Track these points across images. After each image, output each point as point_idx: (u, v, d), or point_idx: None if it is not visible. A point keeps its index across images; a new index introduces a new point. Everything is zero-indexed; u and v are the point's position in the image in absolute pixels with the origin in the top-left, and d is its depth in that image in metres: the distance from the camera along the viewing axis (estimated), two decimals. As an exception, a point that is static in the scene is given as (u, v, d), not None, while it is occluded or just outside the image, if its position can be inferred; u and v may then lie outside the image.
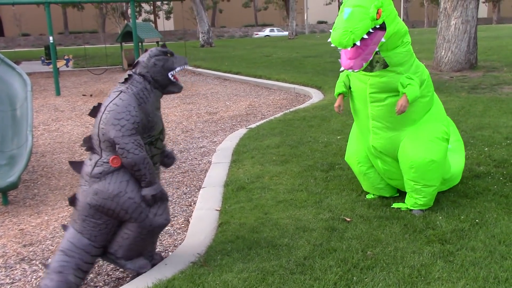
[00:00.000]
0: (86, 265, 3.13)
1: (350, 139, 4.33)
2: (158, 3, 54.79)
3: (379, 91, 3.78)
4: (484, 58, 14.05)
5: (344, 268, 3.11)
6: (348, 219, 3.86)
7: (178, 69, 3.25)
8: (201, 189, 4.93)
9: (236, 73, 14.93)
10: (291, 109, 8.84)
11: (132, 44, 15.40)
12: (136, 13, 13.34)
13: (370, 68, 3.69)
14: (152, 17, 54.28)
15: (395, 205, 4.06)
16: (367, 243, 3.45)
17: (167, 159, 3.49)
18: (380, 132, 3.93)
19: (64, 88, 13.16)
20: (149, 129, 3.15)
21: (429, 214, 3.87)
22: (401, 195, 4.27)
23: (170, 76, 3.22)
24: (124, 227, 3.16)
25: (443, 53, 12.24)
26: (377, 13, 3.48)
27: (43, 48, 21.95)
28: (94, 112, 3.15)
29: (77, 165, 3.19)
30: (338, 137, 6.41)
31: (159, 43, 18.58)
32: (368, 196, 4.31)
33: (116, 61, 19.59)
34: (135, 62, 3.25)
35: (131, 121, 3.00)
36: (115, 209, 3.05)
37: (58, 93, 12.20)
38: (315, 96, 10.30)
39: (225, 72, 15.51)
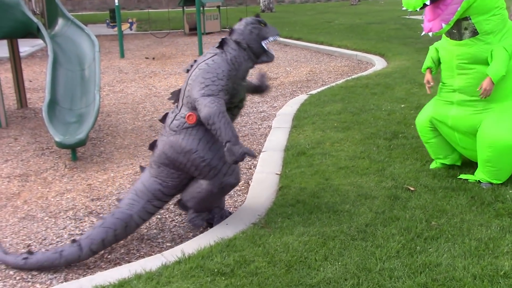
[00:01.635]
0: (153, 208, 3.31)
1: (426, 106, 4.14)
2: (220, -33, 54.45)
3: (466, 62, 3.58)
4: None
5: (407, 237, 3.05)
6: (412, 189, 3.77)
7: (271, 39, 3.35)
8: (261, 152, 4.95)
9: (297, 39, 14.70)
10: (353, 76, 8.65)
11: (194, 9, 15.45)
12: (198, -23, 13.32)
13: (458, 35, 3.50)
14: (213, -19, 54.16)
15: (462, 176, 3.91)
16: (432, 214, 3.36)
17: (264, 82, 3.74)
18: (465, 105, 3.72)
19: (128, 50, 13.43)
20: (231, 96, 3.24)
21: (499, 187, 3.71)
22: (465, 165, 4.11)
23: (263, 44, 3.31)
24: (198, 182, 3.28)
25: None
26: None
27: (107, 12, 22.43)
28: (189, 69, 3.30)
29: (162, 118, 3.38)
30: (402, 106, 6.22)
31: (220, 7, 18.54)
32: (432, 166, 4.17)
33: (178, 25, 19.71)
34: (230, 29, 3.35)
35: (216, 83, 3.09)
36: (186, 164, 3.18)
37: (122, 55, 12.47)
38: (378, 63, 10.01)
39: (285, 37, 15.31)
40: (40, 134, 6.00)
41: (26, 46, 13.77)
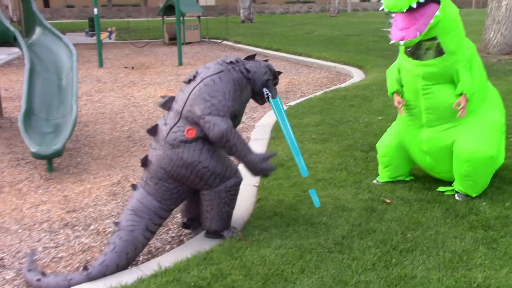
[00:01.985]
0: (155, 226, 3.22)
1: (390, 131, 4.12)
2: (200, -23, 54.63)
3: (432, 82, 3.59)
4: (535, 42, 13.46)
5: (383, 250, 3.08)
6: (388, 201, 3.81)
7: (269, 94, 3.38)
8: (239, 164, 4.95)
9: (276, 50, 14.80)
10: (331, 88, 8.73)
11: (174, 18, 15.45)
12: (178, -13, 13.34)
13: (423, 56, 3.51)
14: (193, -9, 54.26)
15: (440, 189, 3.95)
16: (407, 226, 3.40)
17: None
18: (435, 124, 3.71)
19: (107, 60, 13.35)
20: (234, 117, 3.22)
21: (472, 199, 3.78)
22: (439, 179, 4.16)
23: (264, 90, 3.36)
24: (203, 201, 3.24)
25: (492, 35, 11.82)
26: None
27: (87, 20, 22.29)
28: (189, 80, 3.21)
29: (152, 130, 3.22)
30: (380, 118, 6.30)
31: (200, 17, 18.57)
32: (380, 180, 4.19)
33: (157, 34, 19.68)
34: (252, 56, 3.40)
35: (222, 103, 3.06)
36: (189, 176, 3.12)
37: (101, 64, 12.39)
38: (356, 75, 10.13)
39: (265, 48, 15.40)
40: (16, 144, 5.92)
41: (2, 54, 13.59)
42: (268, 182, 4.32)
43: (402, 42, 3.35)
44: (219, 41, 17.92)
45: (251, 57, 3.40)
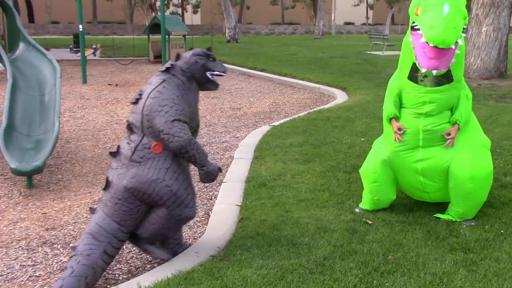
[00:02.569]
0: (114, 249, 3.16)
1: (376, 154, 4.02)
2: (186, -4, 55.02)
3: (437, 107, 3.60)
4: (514, 67, 13.77)
5: (365, 271, 3.08)
6: (370, 222, 3.83)
7: (216, 72, 3.37)
8: (222, 183, 4.94)
9: (261, 70, 14.91)
10: (315, 109, 8.79)
11: (159, 37, 15.49)
12: (164, 6, 13.42)
13: (432, 82, 3.53)
14: (179, 10, 54.55)
15: (438, 215, 3.91)
16: (389, 247, 3.41)
17: None
18: (432, 145, 3.70)
19: (91, 76, 13.29)
20: (190, 120, 3.23)
21: (453, 222, 3.81)
22: (423, 203, 4.19)
23: (208, 75, 3.34)
24: (153, 213, 3.21)
25: (472, 60, 12.06)
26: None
27: (71, 36, 22.22)
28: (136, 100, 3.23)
29: (115, 152, 3.20)
30: (362, 139, 6.35)
31: (186, 36, 18.64)
32: (364, 206, 4.10)
33: (142, 52, 19.71)
34: (178, 56, 3.36)
35: (174, 108, 3.09)
36: (150, 194, 3.10)
37: (84, 81, 12.33)
38: (340, 97, 10.23)
39: (250, 68, 15.50)
40: (-5, 160, 5.83)
41: (-16, 69, 13.45)
42: (251, 202, 4.31)
43: (434, 72, 3.34)
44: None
45: (177, 58, 3.35)
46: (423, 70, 3.35)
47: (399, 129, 3.73)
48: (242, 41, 32.03)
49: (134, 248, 3.71)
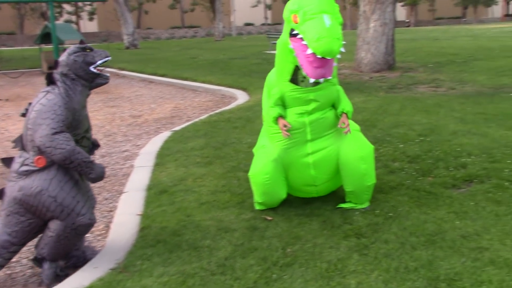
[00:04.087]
0: (2, 260, 3.18)
1: (266, 155, 4.04)
2: (80, 3, 53.07)
3: (321, 103, 3.78)
4: (402, 59, 14.71)
5: (264, 267, 3.15)
6: (269, 218, 3.92)
7: (99, 62, 3.28)
8: (122, 193, 4.83)
9: (162, 76, 14.74)
10: (216, 111, 8.84)
11: (51, 46, 14.82)
12: (56, 14, 12.88)
13: (307, 81, 3.67)
14: (74, 18, 52.47)
15: (341, 205, 4.06)
16: (287, 241, 3.51)
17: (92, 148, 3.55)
18: (319, 137, 3.87)
19: (-22, 92, 12.46)
20: (74, 128, 3.18)
21: (347, 210, 4.00)
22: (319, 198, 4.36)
23: (92, 69, 3.25)
24: (49, 226, 3.18)
25: (363, 55, 12.71)
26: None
27: (-46, 51, 20.65)
28: (26, 113, 3.20)
29: (8, 161, 3.24)
30: (262, 138, 6.47)
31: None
32: (257, 207, 4.15)
33: (35, 63, 18.76)
34: (55, 62, 3.26)
35: (56, 120, 3.02)
36: (37, 206, 3.08)
37: (-30, 98, 11.53)
38: (241, 97, 10.37)
39: (150, 74, 15.27)
40: None
41: None
42: (152, 210, 4.25)
43: (322, 80, 3.51)
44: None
45: (56, 65, 3.26)
46: (312, 80, 3.48)
47: (285, 125, 3.81)
48: (142, 47, 31.44)
49: (29, 270, 3.53)
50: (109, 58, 3.35)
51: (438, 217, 3.76)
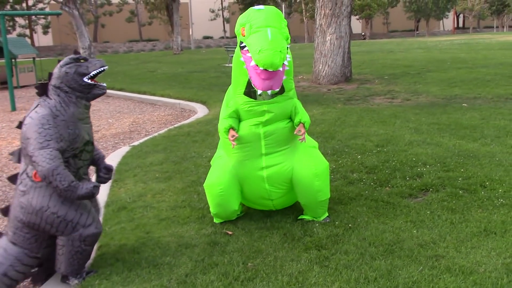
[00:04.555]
0: (16, 273, 3.11)
1: (218, 169, 4.05)
2: (34, 17, 51.89)
3: (275, 116, 3.77)
4: (358, 71, 15.02)
5: (225, 282, 3.13)
6: (230, 233, 3.90)
7: (94, 72, 3.18)
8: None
9: (120, 90, 14.55)
10: (175, 125, 8.78)
11: (3, 61, 14.42)
12: (9, 28, 12.54)
13: (266, 95, 3.69)
14: (28, 31, 51.25)
15: (302, 217, 4.08)
16: (248, 255, 3.50)
17: (105, 174, 3.45)
18: (274, 151, 3.86)
19: None
20: (70, 142, 3.08)
21: (307, 222, 4.02)
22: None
23: (86, 80, 3.14)
24: (58, 243, 3.15)
25: (320, 67, 12.90)
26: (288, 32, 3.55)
27: None
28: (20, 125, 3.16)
29: (14, 179, 3.18)
30: (222, 151, 6.45)
31: (35, 59, 17.58)
32: (216, 221, 4.14)
33: (-13, 78, 18.18)
34: (48, 74, 3.22)
35: (42, 134, 2.96)
36: (40, 224, 3.03)
37: None
38: (200, 111, 10.33)
39: (107, 89, 15.06)
40: None
41: None
42: (110, 228, 4.16)
43: (269, 92, 3.54)
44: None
45: (49, 77, 3.19)
46: (259, 92, 3.52)
47: (233, 136, 3.79)
48: (99, 61, 30.94)
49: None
50: (106, 67, 3.26)
51: (396, 227, 3.83)
